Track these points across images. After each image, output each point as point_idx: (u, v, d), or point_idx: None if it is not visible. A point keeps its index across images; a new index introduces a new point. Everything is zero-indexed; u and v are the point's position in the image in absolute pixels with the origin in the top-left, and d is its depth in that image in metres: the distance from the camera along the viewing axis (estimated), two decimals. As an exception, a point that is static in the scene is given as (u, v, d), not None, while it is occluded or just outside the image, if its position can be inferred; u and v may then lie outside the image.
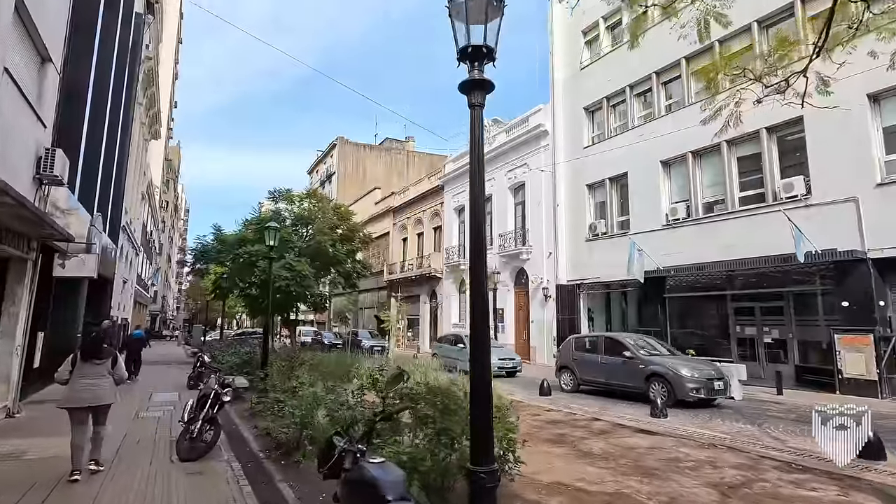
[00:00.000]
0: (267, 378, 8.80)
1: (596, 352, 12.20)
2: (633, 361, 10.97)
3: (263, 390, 8.85)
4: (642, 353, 11.15)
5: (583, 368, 12.34)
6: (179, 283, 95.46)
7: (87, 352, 5.39)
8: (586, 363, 12.29)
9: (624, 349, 11.32)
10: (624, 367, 11.11)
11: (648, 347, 11.64)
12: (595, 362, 12.04)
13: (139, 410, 9.07)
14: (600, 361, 11.89)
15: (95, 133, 13.78)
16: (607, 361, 11.67)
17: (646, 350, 11.40)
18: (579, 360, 12.50)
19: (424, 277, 28.72)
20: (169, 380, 14.58)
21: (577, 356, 12.62)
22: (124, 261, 22.86)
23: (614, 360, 11.42)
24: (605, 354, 11.89)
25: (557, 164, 20.09)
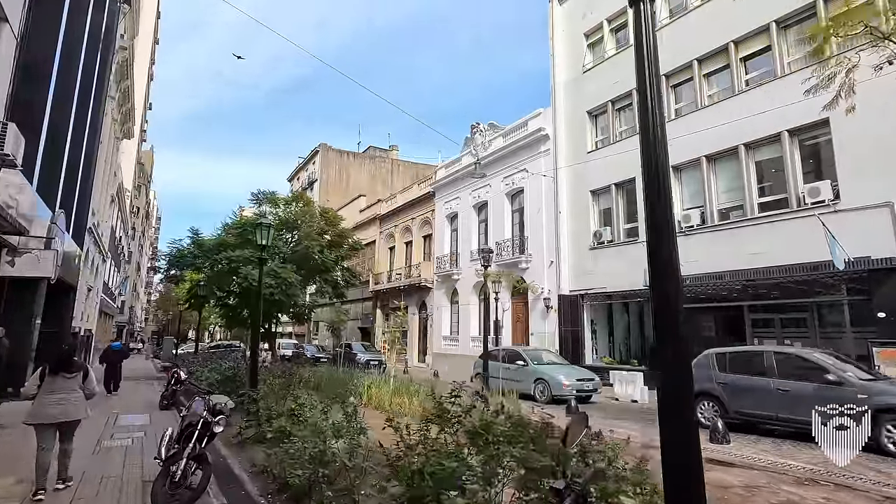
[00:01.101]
0: (259, 400, 7.47)
1: (766, 373, 8.84)
2: (836, 389, 7.58)
3: (255, 413, 7.53)
4: (849, 375, 7.94)
5: (739, 396, 9.06)
6: (148, 294, 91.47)
7: (57, 365, 5.13)
8: (747, 389, 8.97)
9: (820, 370, 8.09)
10: (818, 394, 7.52)
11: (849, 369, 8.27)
12: (765, 388, 8.69)
13: (101, 438, 7.61)
14: (774, 388, 8.56)
15: (61, 119, 12.29)
16: (788, 388, 8.34)
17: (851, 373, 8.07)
18: (732, 385, 9.23)
19: (413, 288, 27.49)
20: (138, 398, 12.96)
21: (727, 379, 9.32)
22: (90, 266, 20.99)
23: (801, 387, 8.16)
24: (781, 378, 8.56)
25: (559, 169, 19.30)
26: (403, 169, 52.88)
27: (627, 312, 18.54)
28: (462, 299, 24.13)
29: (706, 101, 15.01)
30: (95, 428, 8.30)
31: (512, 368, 14.00)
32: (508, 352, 15.16)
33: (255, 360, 8.54)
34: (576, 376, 13.25)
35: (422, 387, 9.69)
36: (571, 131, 19.49)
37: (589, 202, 18.36)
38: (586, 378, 13.34)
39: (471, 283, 23.50)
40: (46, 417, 4.90)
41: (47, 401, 4.94)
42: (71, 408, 5.04)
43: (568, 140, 19.57)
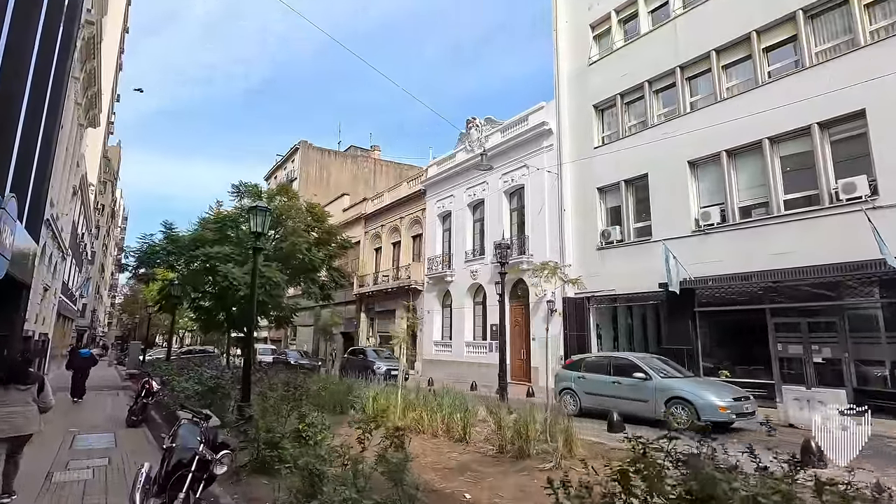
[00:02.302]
0: (253, 419, 6.07)
1: None
2: None
3: (250, 434, 6.14)
4: None
5: None
6: (113, 297, 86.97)
7: (10, 376, 4.87)
8: None
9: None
10: None
11: None
12: None
13: (53, 467, 6.08)
14: None
15: (13, 87, 10.60)
16: None
17: None
18: None
19: (402, 290, 26.11)
20: (100, 412, 11.27)
21: None
22: (46, 263, 18.92)
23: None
24: None
25: (563, 165, 18.36)
26: (386, 169, 51.52)
27: (631, 315, 17.69)
28: (456, 302, 22.92)
29: (725, 93, 14.27)
30: (46, 451, 6.74)
31: (625, 384, 10.46)
32: (612, 361, 11.40)
33: (248, 368, 7.14)
34: (729, 394, 9.68)
35: (440, 398, 8.43)
36: (576, 126, 18.59)
37: (596, 200, 17.45)
38: (741, 396, 9.83)
39: (465, 286, 22.33)
40: None
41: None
42: (22, 422, 4.73)
43: (572, 135, 18.66)
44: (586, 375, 11.53)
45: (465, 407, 7.83)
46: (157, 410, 10.13)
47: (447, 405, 7.91)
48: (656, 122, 15.97)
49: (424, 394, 9.06)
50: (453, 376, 18.86)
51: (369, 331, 30.64)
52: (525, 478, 5.22)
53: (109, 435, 8.35)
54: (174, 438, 3.87)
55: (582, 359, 12.49)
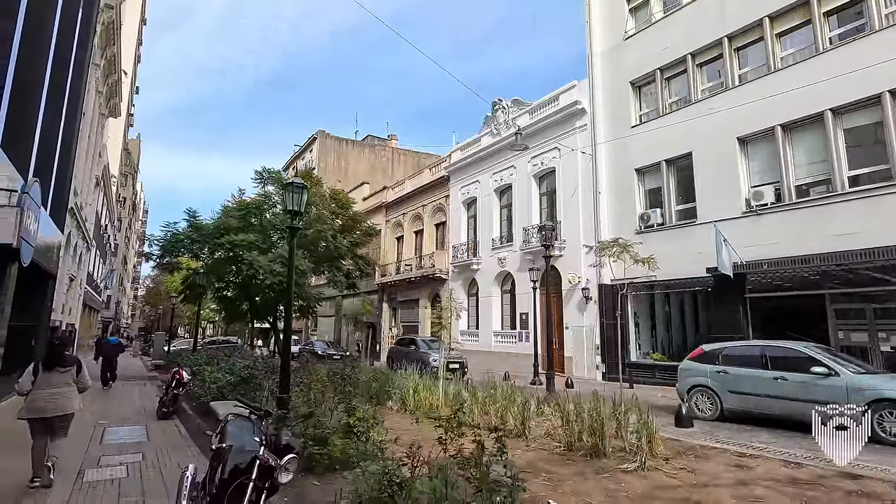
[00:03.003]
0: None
1: None
2: None
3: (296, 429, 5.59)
4: None
5: None
6: (135, 289, 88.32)
7: (50, 360, 5.15)
8: None
9: None
10: None
11: None
12: None
13: (84, 464, 5.63)
14: None
15: (31, 70, 10.18)
16: None
17: None
18: None
19: (426, 279, 25.55)
20: (128, 404, 10.93)
21: None
22: (72, 253, 18.78)
23: None
24: None
25: (598, 145, 17.48)
26: (404, 157, 50.90)
27: (669, 303, 16.86)
28: (482, 291, 22.28)
29: (779, 63, 13.26)
30: (76, 445, 6.33)
31: (793, 381, 8.10)
32: (768, 352, 8.88)
33: (288, 358, 6.60)
34: None
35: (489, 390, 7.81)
36: (611, 104, 17.67)
37: (633, 182, 16.57)
38: None
39: (492, 274, 21.66)
40: (41, 412, 4.87)
41: (41, 396, 4.92)
42: (65, 402, 5.02)
43: (607, 114, 17.75)
44: (729, 370, 9.08)
45: (521, 399, 7.20)
46: (188, 401, 9.73)
47: (501, 397, 7.29)
48: (701, 98, 15.00)
49: (463, 384, 8.45)
50: (481, 366, 18.24)
51: (392, 321, 30.22)
52: (608, 481, 4.59)
53: (140, 427, 7.94)
54: (223, 437, 3.32)
55: (718, 349, 9.75)
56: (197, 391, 9.21)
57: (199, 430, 7.77)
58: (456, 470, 3.22)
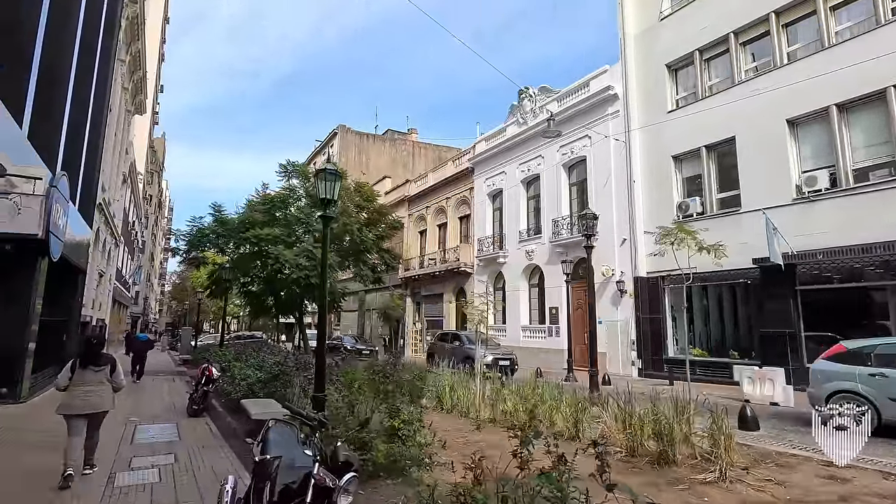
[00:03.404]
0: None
1: None
2: None
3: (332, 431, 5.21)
4: None
5: None
6: (162, 285, 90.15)
7: (85, 359, 5.23)
8: None
9: None
10: None
11: None
12: None
13: (115, 466, 5.36)
14: None
15: (58, 61, 10.03)
16: None
17: None
18: None
19: (450, 273, 25.13)
20: (157, 399, 10.78)
21: None
22: (101, 249, 18.91)
23: None
24: None
25: (632, 132, 16.74)
26: (424, 151, 50.44)
27: (707, 296, 16.06)
28: (509, 285, 21.75)
29: (833, 38, 12.35)
30: (107, 443, 6.09)
31: None
32: None
33: (323, 354, 6.23)
34: None
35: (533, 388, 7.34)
36: (645, 89, 16.89)
37: (671, 169, 15.81)
38: None
39: (519, 267, 21.11)
40: (75, 409, 4.99)
41: (77, 393, 5.05)
42: (98, 400, 5.13)
43: (641, 99, 16.98)
44: (890, 373, 7.35)
45: (568, 399, 6.70)
46: (217, 398, 9.51)
47: (548, 396, 6.82)
48: (744, 79, 14.15)
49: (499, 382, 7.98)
50: None
51: (415, 315, 29.93)
52: (688, 495, 4.08)
53: (171, 425, 7.71)
54: (265, 446, 2.92)
55: (867, 347, 8.01)
56: (227, 388, 8.96)
57: (230, 428, 7.51)
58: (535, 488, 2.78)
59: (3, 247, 9.36)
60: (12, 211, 5.15)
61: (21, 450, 6.01)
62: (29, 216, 5.36)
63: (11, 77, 7.58)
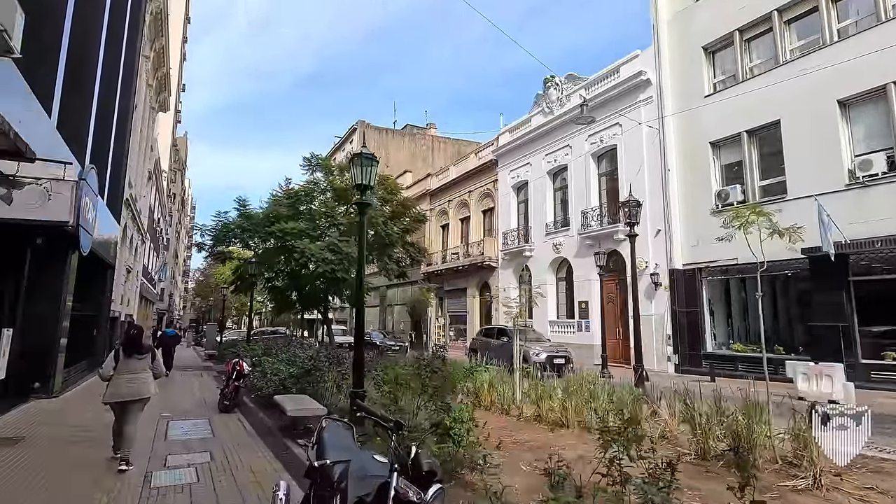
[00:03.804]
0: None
1: None
2: None
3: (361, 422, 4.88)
4: None
5: None
6: (185, 282, 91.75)
7: (129, 347, 5.44)
8: None
9: None
10: None
11: None
12: None
13: (150, 465, 5.13)
14: None
15: (85, 53, 9.91)
16: None
17: None
18: None
19: (474, 267, 24.73)
20: (188, 395, 10.66)
21: None
22: (128, 244, 19.02)
23: None
24: None
25: (665, 118, 16.07)
26: (444, 146, 49.97)
27: (745, 289, 15.35)
28: (536, 278, 21.24)
29: (890, 12, 11.55)
30: (143, 439, 5.92)
31: None
32: None
33: (361, 349, 5.92)
34: None
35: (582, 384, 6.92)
36: (680, 73, 16.18)
37: (708, 156, 15.11)
38: None
39: (546, 261, 20.60)
40: (121, 396, 5.20)
41: (121, 381, 5.25)
42: (142, 387, 5.35)
43: (676, 84, 16.28)
44: None
45: (619, 396, 6.28)
46: (247, 394, 9.31)
47: (601, 394, 6.40)
48: (790, 59, 13.40)
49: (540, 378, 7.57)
50: None
51: (438, 310, 29.62)
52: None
53: (204, 421, 7.51)
54: (321, 449, 2.58)
55: None
56: (257, 383, 8.74)
57: (263, 425, 7.26)
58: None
59: (35, 241, 9.34)
60: (43, 197, 4.95)
61: (57, 445, 5.85)
62: (60, 203, 5.14)
63: (39, 65, 7.42)
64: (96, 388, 11.88)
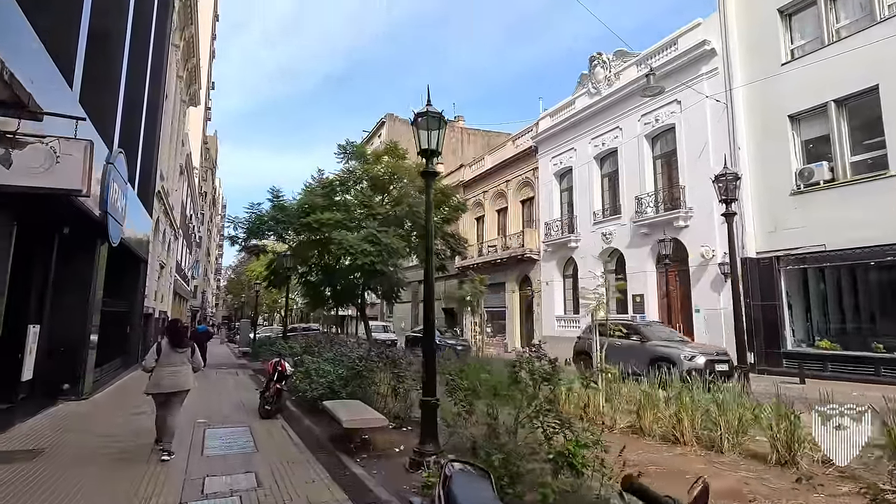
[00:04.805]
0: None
1: None
2: None
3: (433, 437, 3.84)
4: None
5: None
6: (217, 280, 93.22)
7: (172, 341, 5.65)
8: None
9: None
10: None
11: None
12: None
13: (184, 494, 4.16)
14: None
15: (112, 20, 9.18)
16: None
17: None
18: None
19: (513, 260, 23.53)
20: (224, 396, 9.86)
21: None
22: (160, 239, 18.55)
23: None
24: None
25: (734, 89, 14.51)
26: (473, 137, 48.77)
27: (824, 280, 13.72)
28: (583, 271, 19.89)
29: None
30: (178, 454, 5.05)
31: None
32: None
33: (432, 347, 4.87)
34: None
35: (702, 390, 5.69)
36: (750, 41, 14.58)
37: (786, 131, 13.52)
38: None
39: (595, 251, 19.23)
40: (163, 388, 5.41)
41: (163, 373, 5.47)
42: (182, 379, 5.55)
43: (745, 53, 14.69)
44: None
45: (744, 405, 5.04)
46: (289, 395, 8.41)
47: (701, 398, 5.20)
48: (888, 15, 11.71)
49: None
50: None
51: (475, 306, 28.48)
52: None
53: (244, 430, 6.61)
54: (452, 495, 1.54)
55: None
56: (300, 384, 7.83)
57: (311, 435, 6.31)
58: None
59: (62, 230, 8.65)
60: (49, 159, 4.04)
61: (78, 462, 5.02)
62: (70, 166, 4.20)
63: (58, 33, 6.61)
64: (129, 388, 11.28)
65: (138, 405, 8.36)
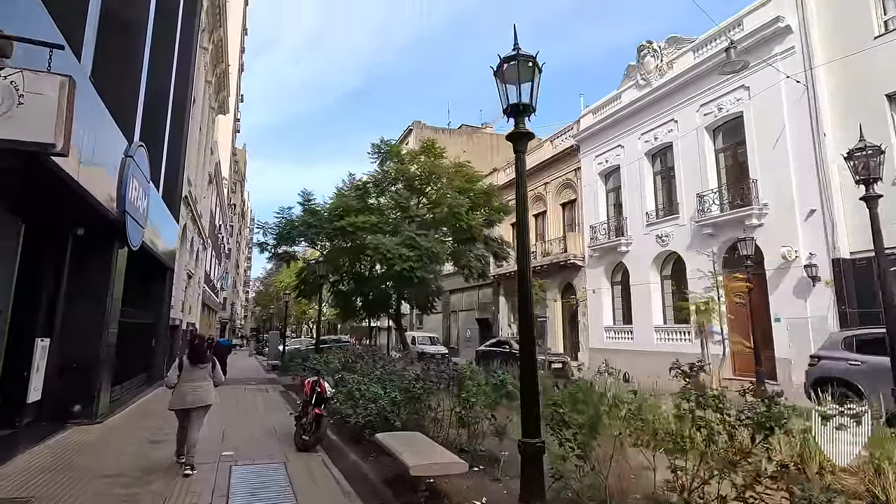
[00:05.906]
0: None
1: None
2: None
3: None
4: None
5: None
6: (246, 292, 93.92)
7: (193, 357, 5.68)
8: None
9: None
10: None
11: None
12: None
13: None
14: None
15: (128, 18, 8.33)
16: None
17: None
18: None
19: (555, 267, 22.00)
20: (253, 418, 8.70)
21: None
22: (189, 248, 17.80)
23: None
24: None
25: (815, 68, 12.87)
26: (501, 143, 47.55)
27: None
28: (634, 277, 18.27)
29: None
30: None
31: None
32: None
33: (534, 371, 3.55)
34: None
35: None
36: (834, 14, 12.96)
37: (884, 113, 11.81)
38: None
39: (649, 256, 17.62)
40: (185, 403, 5.42)
41: (185, 388, 5.49)
42: (204, 394, 5.54)
43: (826, 29, 13.07)
44: None
45: None
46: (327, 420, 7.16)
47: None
48: None
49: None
50: (635, 369, 14.10)
51: (510, 316, 27.02)
52: None
53: (278, 467, 5.39)
54: None
55: None
56: (342, 408, 6.60)
57: (361, 476, 5.04)
58: None
59: (75, 231, 7.72)
60: (8, 98, 2.90)
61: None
62: (38, 110, 3.03)
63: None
64: (151, 407, 10.20)
65: (157, 429, 7.29)
